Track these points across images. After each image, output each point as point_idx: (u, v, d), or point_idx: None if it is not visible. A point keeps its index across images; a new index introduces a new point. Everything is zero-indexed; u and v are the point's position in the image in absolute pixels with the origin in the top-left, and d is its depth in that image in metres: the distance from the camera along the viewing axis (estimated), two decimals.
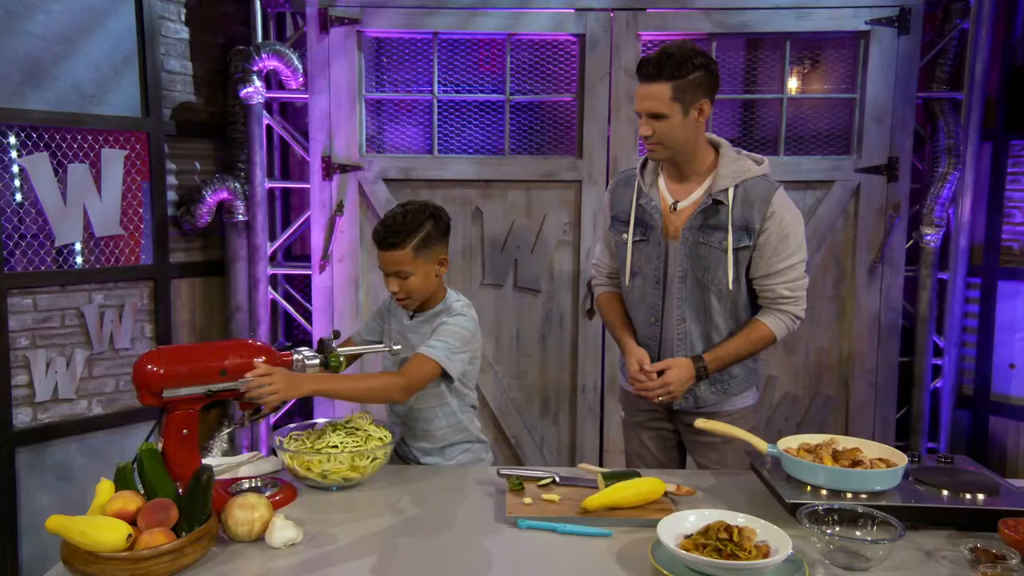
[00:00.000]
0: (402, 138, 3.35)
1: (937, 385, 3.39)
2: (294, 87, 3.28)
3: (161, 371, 1.40)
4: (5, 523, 2.73)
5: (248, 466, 1.75)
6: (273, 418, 3.40)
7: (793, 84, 3.34)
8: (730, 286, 1.95)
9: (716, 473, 1.87)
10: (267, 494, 1.56)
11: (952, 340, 3.35)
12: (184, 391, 1.42)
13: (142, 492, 1.36)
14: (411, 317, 2.01)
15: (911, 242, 3.29)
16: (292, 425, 1.85)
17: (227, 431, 3.30)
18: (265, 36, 3.32)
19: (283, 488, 1.62)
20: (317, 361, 1.62)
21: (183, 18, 3.19)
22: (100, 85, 2.94)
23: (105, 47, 2.93)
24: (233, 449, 3.31)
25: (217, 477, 1.72)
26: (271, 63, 3.16)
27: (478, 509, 1.62)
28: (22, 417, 2.78)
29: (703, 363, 1.97)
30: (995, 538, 1.43)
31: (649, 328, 2.06)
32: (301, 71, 3.22)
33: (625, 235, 2.05)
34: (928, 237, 3.27)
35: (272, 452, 1.84)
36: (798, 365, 3.29)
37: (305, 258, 3.50)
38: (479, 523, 1.55)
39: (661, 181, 2.03)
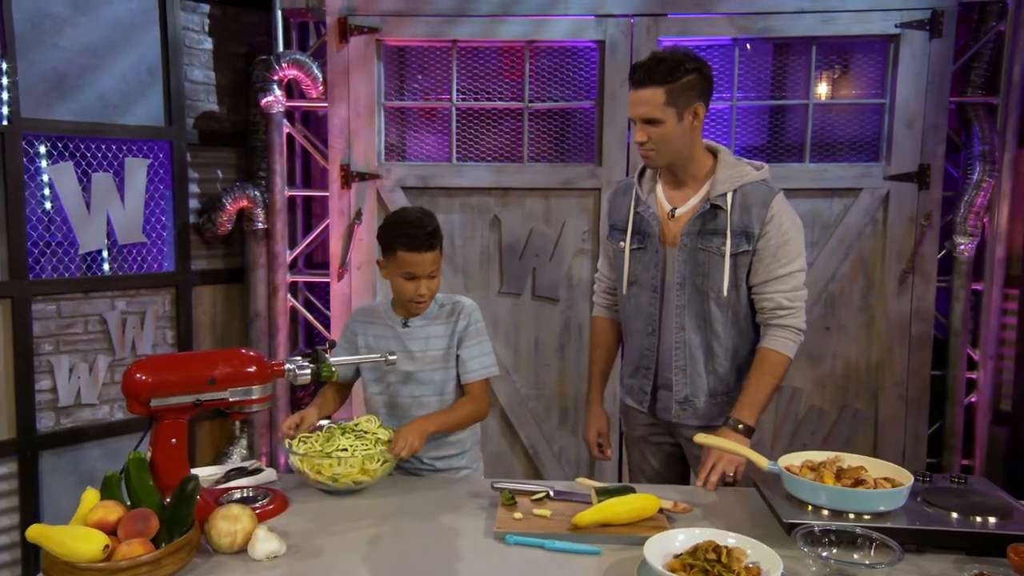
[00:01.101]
0: (421, 146, 3.36)
1: (972, 400, 3.26)
2: (314, 96, 3.32)
3: (149, 380, 1.42)
4: (29, 526, 2.81)
5: (247, 476, 1.77)
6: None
7: (823, 89, 3.27)
8: (725, 292, 1.91)
9: (721, 491, 1.83)
10: (256, 505, 1.57)
11: (988, 353, 3.22)
12: (172, 400, 1.44)
13: (128, 502, 1.38)
14: (404, 325, 2.00)
15: (943, 252, 3.18)
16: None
17: (246, 438, 3.35)
18: (287, 46, 3.37)
19: (274, 499, 1.63)
20: (309, 372, 1.63)
21: (207, 29, 3.26)
22: (125, 95, 3.02)
23: (131, 58, 3.01)
24: (252, 455, 3.35)
25: (216, 487, 1.75)
26: (291, 72, 3.21)
27: (468, 523, 1.60)
28: (46, 421, 2.86)
29: (739, 423, 1.89)
30: (1005, 564, 1.37)
31: (647, 338, 2.04)
32: (321, 80, 3.26)
33: (623, 243, 2.04)
34: (962, 246, 3.15)
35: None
36: (824, 377, 3.20)
37: (326, 266, 3.54)
38: (467, 537, 1.53)
39: (659, 188, 2.01)
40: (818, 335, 3.18)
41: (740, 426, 1.88)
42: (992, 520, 1.47)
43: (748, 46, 3.17)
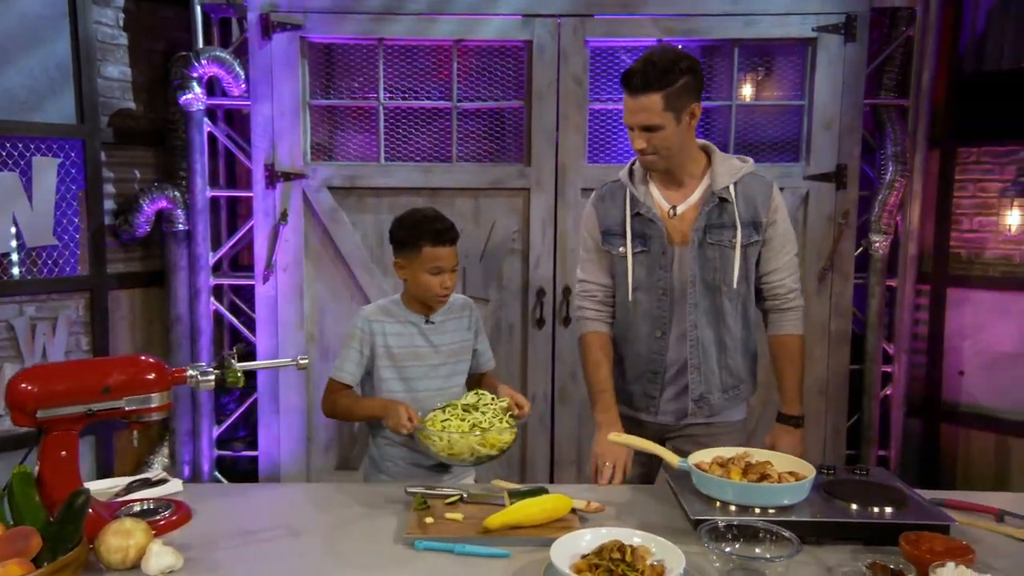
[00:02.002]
0: (349, 146, 3.31)
1: (888, 393, 3.37)
2: (236, 94, 3.24)
3: (34, 390, 1.35)
4: None
5: (151, 488, 1.71)
6: (216, 431, 3.35)
7: (747, 91, 3.33)
8: (735, 284, 1.92)
9: (633, 488, 1.84)
10: (155, 518, 1.52)
11: (902, 347, 3.33)
12: (61, 411, 1.38)
13: (11, 521, 1.31)
14: (427, 321, 2.04)
15: (860, 249, 3.28)
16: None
17: (167, 446, 3.25)
18: (208, 42, 3.27)
19: (176, 510, 1.57)
20: (212, 378, 1.57)
21: (122, 24, 3.14)
22: (34, 92, 2.88)
23: (40, 54, 2.89)
24: (174, 464, 3.25)
25: (115, 500, 1.68)
26: (212, 70, 3.12)
27: (379, 529, 1.57)
28: None
29: (788, 415, 1.95)
30: (898, 552, 1.41)
31: (655, 342, 1.98)
32: (243, 78, 3.18)
33: (623, 248, 1.97)
34: (877, 244, 3.26)
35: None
36: (757, 372, 3.26)
37: (252, 268, 3.45)
38: (377, 544, 1.50)
39: (653, 188, 1.98)
40: None
41: (796, 421, 1.93)
42: (888, 510, 1.51)
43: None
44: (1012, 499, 1.76)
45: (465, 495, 1.69)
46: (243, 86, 3.19)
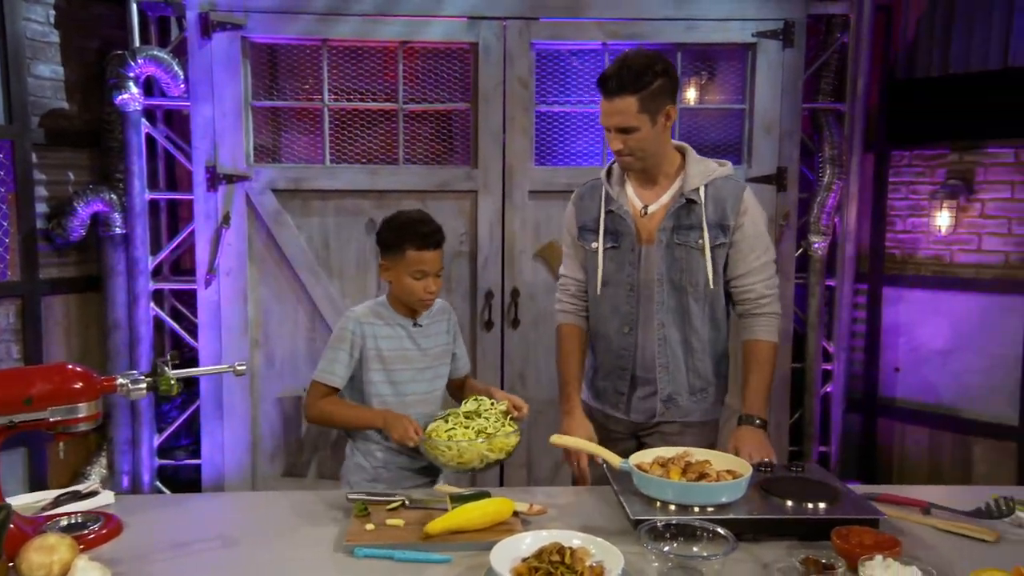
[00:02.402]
0: (294, 147, 3.26)
1: (828, 390, 3.46)
2: (175, 94, 3.16)
3: None
4: None
5: (80, 500, 1.65)
6: (157, 440, 3.27)
7: (691, 95, 3.38)
8: (710, 285, 1.94)
9: (576, 490, 1.85)
10: (83, 532, 1.46)
11: (841, 345, 3.42)
12: None
13: None
14: (415, 324, 2.02)
15: (800, 250, 3.36)
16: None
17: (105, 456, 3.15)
18: (145, 41, 3.19)
19: (105, 523, 1.52)
20: (144, 386, 1.53)
21: (53, 21, 3.04)
22: None
23: None
24: (112, 475, 3.16)
25: (41, 514, 1.62)
26: (149, 69, 3.03)
27: (319, 537, 1.54)
28: None
29: (754, 419, 1.93)
30: (831, 547, 1.44)
31: (623, 338, 2.02)
32: (182, 78, 3.10)
33: (595, 244, 2.02)
34: (816, 245, 3.34)
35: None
36: None
37: (194, 272, 3.38)
38: (315, 553, 1.48)
39: (628, 187, 2.02)
40: None
41: (757, 422, 1.93)
42: (821, 506, 1.55)
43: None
44: (940, 492, 1.82)
45: (407, 501, 1.67)
46: (182, 86, 3.11)
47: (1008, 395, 3.23)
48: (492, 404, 1.93)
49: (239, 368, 1.72)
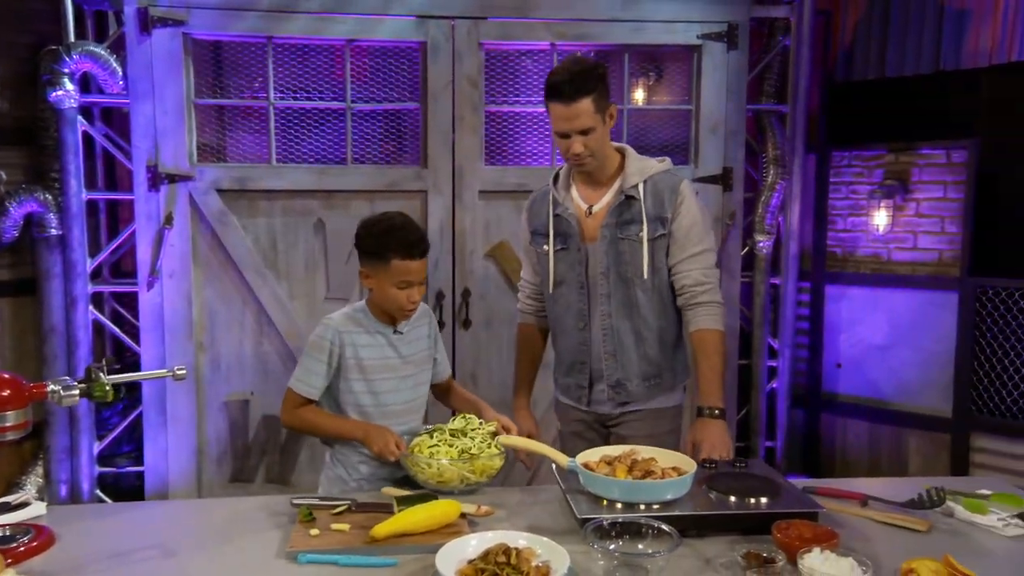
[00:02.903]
0: (239, 147, 3.19)
1: (774, 386, 3.54)
2: (114, 91, 3.06)
3: None
4: None
5: (10, 512, 1.59)
6: (97, 448, 3.17)
7: (639, 95, 3.41)
8: (645, 275, 1.99)
9: (524, 489, 1.85)
10: (13, 544, 1.41)
11: (786, 342, 3.50)
12: None
13: None
14: (395, 331, 1.97)
15: (746, 249, 3.42)
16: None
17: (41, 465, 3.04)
18: (81, 36, 3.09)
19: (36, 536, 1.46)
20: (76, 393, 1.47)
21: None
22: None
23: None
24: (49, 484, 3.05)
25: None
26: (85, 65, 2.94)
27: (261, 544, 1.51)
28: None
29: (713, 410, 1.96)
30: (771, 541, 1.47)
31: (579, 334, 2.09)
32: (121, 75, 3.01)
33: (546, 246, 2.10)
34: (761, 244, 3.41)
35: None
36: None
37: (136, 274, 3.28)
38: (257, 560, 1.44)
39: (574, 190, 2.10)
40: None
41: (716, 412, 1.96)
42: (763, 501, 1.58)
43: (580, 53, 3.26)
44: (878, 484, 1.88)
45: (353, 505, 1.65)
46: (121, 83, 3.02)
47: (942, 389, 3.34)
48: (480, 424, 1.91)
49: (179, 372, 1.68)
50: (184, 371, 1.68)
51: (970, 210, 3.27)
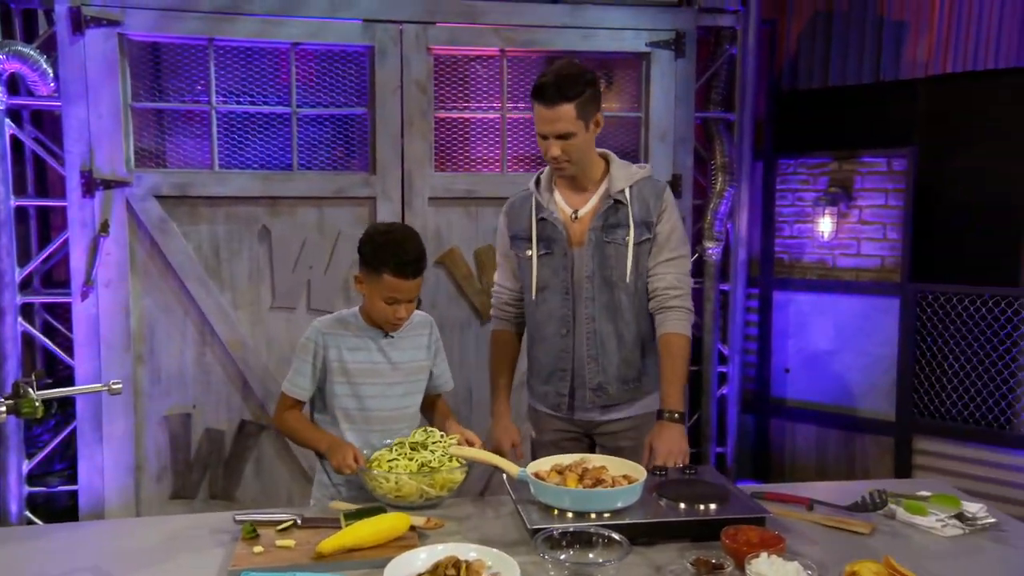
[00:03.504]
0: (180, 152, 3.12)
1: (724, 392, 3.60)
2: (44, 93, 2.97)
3: None
4: None
5: None
6: (27, 466, 3.05)
7: None
8: (627, 278, 2.01)
9: (475, 501, 1.85)
10: None
11: (735, 348, 3.57)
12: None
13: None
14: (386, 335, 1.97)
15: (696, 256, 3.49)
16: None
17: None
18: (8, 35, 2.99)
19: None
20: (3, 409, 1.42)
21: None
22: None
23: None
24: None
25: None
26: (13, 66, 2.83)
27: (202, 564, 1.48)
28: None
29: (667, 411, 1.97)
30: (719, 547, 1.50)
31: (561, 340, 2.09)
32: (52, 76, 2.92)
33: (529, 251, 2.09)
34: (710, 251, 3.48)
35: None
36: None
37: (69, 284, 3.18)
38: None
39: (557, 194, 2.10)
40: None
41: (676, 415, 1.96)
42: (712, 507, 1.61)
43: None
44: (824, 488, 1.93)
45: (299, 520, 1.63)
46: (52, 85, 2.93)
47: (886, 392, 3.46)
48: (442, 436, 1.89)
49: (114, 386, 1.63)
50: (120, 385, 1.63)
51: (909, 217, 3.39)
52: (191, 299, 3.05)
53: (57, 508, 3.16)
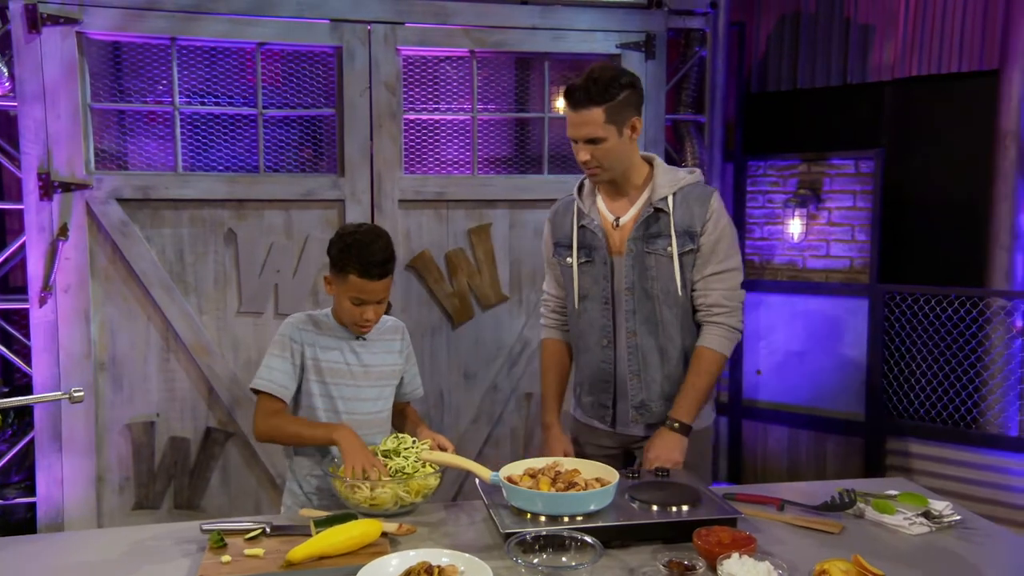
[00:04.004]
0: (142, 154, 3.08)
1: None
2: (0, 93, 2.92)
3: None
4: None
5: None
6: None
7: (561, 104, 3.47)
8: (679, 291, 1.97)
9: (448, 506, 1.86)
10: None
11: None
12: None
13: None
14: (359, 337, 1.98)
15: None
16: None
17: None
18: None
19: None
20: None
21: None
22: None
23: None
24: None
25: None
26: None
27: (168, 575, 1.48)
28: None
29: (675, 422, 1.96)
30: (692, 548, 1.52)
31: (603, 351, 2.07)
32: (7, 75, 2.87)
33: (569, 259, 2.08)
34: None
35: None
36: (570, 381, 3.39)
37: (26, 289, 3.12)
38: None
39: (600, 201, 2.07)
40: None
41: (676, 425, 1.95)
42: (684, 509, 1.63)
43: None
44: (794, 488, 1.97)
45: (267, 528, 1.62)
46: (7, 84, 2.88)
47: (855, 393, 3.53)
48: (414, 442, 1.88)
49: (75, 394, 1.61)
50: (82, 393, 1.61)
51: (877, 219, 3.47)
52: (155, 304, 3.02)
53: (13, 521, 3.10)
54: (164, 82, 3.03)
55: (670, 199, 1.99)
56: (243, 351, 3.11)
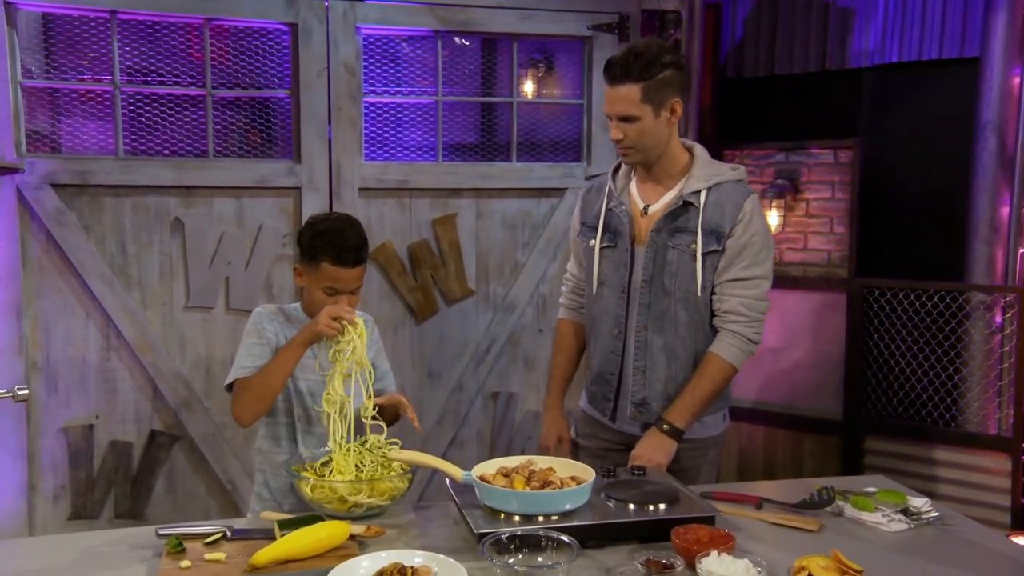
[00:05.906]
0: (79, 136, 3.05)
1: None
2: None
3: None
4: None
5: None
6: None
7: (529, 88, 3.53)
8: (699, 292, 1.99)
9: (416, 507, 1.90)
10: None
11: None
12: None
13: None
14: None
15: None
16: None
17: None
18: None
19: None
20: None
21: None
22: None
23: None
24: None
25: None
26: None
27: None
28: None
29: (665, 423, 1.98)
30: (670, 547, 1.59)
31: (612, 341, 2.09)
32: None
33: (592, 241, 2.10)
34: None
35: None
36: (539, 380, 3.45)
37: None
38: None
39: (633, 185, 2.09)
40: (531, 337, 3.42)
41: (665, 427, 1.98)
42: (661, 507, 1.70)
43: (459, 40, 3.33)
44: (772, 487, 2.06)
45: (228, 532, 1.64)
46: None
47: (833, 391, 3.65)
48: (380, 441, 1.90)
49: (19, 392, 1.63)
50: (26, 391, 1.63)
51: (855, 211, 3.58)
52: (94, 299, 2.99)
53: None
54: (104, 59, 3.00)
55: (703, 193, 1.99)
56: (191, 348, 3.10)
